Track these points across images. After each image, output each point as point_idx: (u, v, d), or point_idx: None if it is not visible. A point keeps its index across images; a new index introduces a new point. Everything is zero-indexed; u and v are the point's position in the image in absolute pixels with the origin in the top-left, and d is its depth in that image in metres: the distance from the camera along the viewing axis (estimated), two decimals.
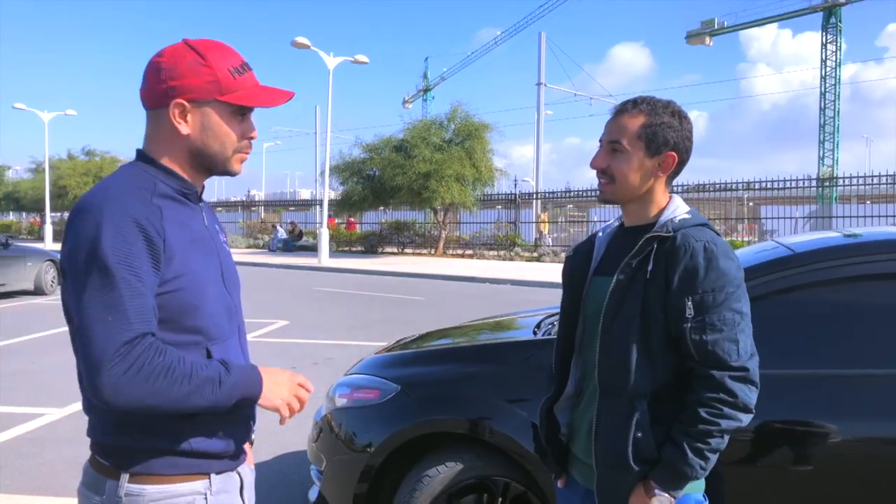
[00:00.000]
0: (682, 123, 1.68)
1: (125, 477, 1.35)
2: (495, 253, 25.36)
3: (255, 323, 9.92)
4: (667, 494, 1.58)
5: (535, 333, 3.16)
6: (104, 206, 1.28)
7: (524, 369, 2.70)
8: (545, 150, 38.41)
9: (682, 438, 1.56)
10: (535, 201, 28.83)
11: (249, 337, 9.70)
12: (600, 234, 1.87)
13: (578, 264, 1.85)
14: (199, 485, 1.42)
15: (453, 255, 25.83)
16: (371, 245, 28.33)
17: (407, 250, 27.75)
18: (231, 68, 1.41)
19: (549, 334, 3.04)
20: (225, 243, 1.59)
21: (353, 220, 32.06)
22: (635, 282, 1.63)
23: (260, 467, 4.28)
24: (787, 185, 22.50)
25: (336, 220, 30.47)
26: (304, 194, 75.71)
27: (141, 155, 1.45)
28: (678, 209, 1.69)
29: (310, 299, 13.34)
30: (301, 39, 21.73)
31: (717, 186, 23.42)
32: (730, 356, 1.55)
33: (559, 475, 1.90)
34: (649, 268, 1.61)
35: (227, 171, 1.48)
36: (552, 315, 3.43)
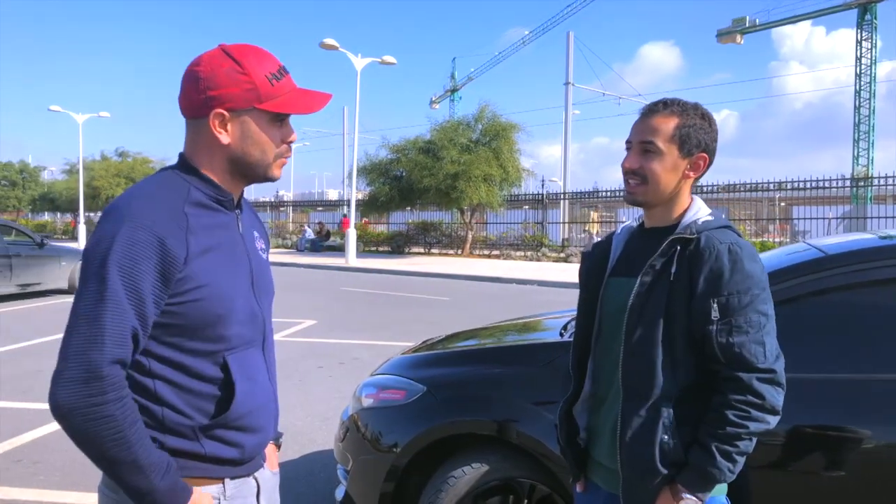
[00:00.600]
0: (711, 125, 1.69)
1: None
2: (522, 253, 25.30)
3: (283, 322, 10.00)
4: (694, 497, 1.58)
5: (561, 335, 3.14)
6: (126, 214, 1.28)
7: (551, 371, 2.69)
8: (573, 150, 38.23)
9: (710, 441, 1.55)
10: (562, 201, 28.71)
11: (278, 336, 9.79)
12: (617, 233, 1.87)
13: (595, 264, 1.85)
14: (212, 489, 1.42)
15: (480, 256, 25.82)
16: (398, 245, 28.44)
17: (433, 251, 27.80)
18: (268, 74, 1.39)
19: None
20: (263, 251, 1.58)
21: (366, 220, 32.11)
22: (659, 284, 1.63)
23: (287, 466, 4.33)
24: (821, 184, 22.11)
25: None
26: (332, 195, 76.15)
27: (181, 160, 1.45)
28: (700, 211, 1.70)
29: (337, 299, 13.42)
30: (329, 41, 21.88)
31: (748, 186, 23.10)
32: (756, 358, 1.55)
33: (577, 478, 1.89)
34: (673, 270, 1.61)
35: (267, 178, 1.47)
36: None
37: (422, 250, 28.03)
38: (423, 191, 24.13)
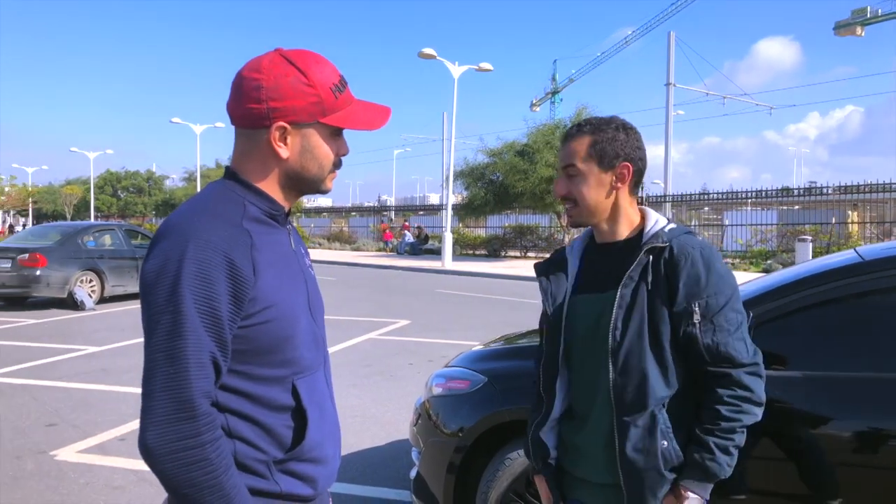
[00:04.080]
0: (629, 134, 1.74)
1: None
2: None
3: (378, 322, 10.61)
4: (697, 496, 1.64)
5: None
6: (191, 234, 1.19)
7: None
8: (681, 151, 37.28)
9: (708, 437, 1.61)
10: (665, 204, 28.14)
11: (373, 335, 10.25)
12: (568, 251, 1.89)
13: (554, 283, 1.86)
14: None
15: None
16: (494, 249, 28.72)
17: (529, 254, 27.91)
18: (332, 86, 1.32)
19: None
20: (310, 267, 1.50)
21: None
22: (638, 295, 1.66)
23: (375, 451, 4.79)
24: None
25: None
26: (434, 199, 77.39)
27: (231, 174, 1.35)
28: (660, 221, 1.75)
29: (431, 301, 13.86)
30: (427, 50, 22.45)
31: (872, 187, 21.68)
32: (741, 354, 1.63)
33: (558, 500, 1.85)
34: (650, 279, 1.66)
35: (319, 191, 1.41)
36: None
37: (518, 254, 28.21)
38: (519, 194, 24.30)
